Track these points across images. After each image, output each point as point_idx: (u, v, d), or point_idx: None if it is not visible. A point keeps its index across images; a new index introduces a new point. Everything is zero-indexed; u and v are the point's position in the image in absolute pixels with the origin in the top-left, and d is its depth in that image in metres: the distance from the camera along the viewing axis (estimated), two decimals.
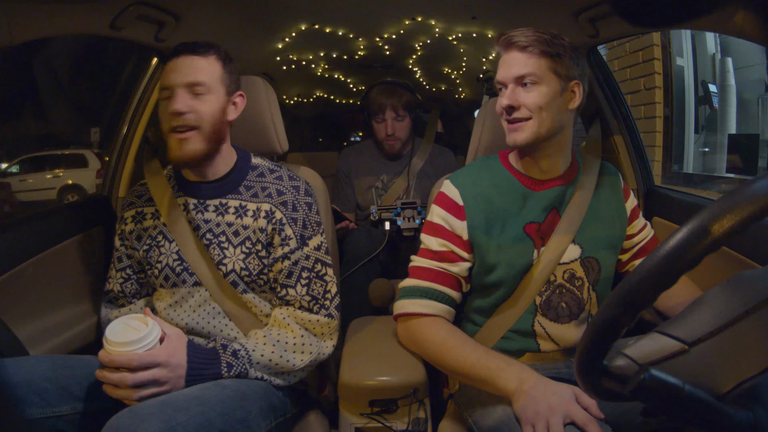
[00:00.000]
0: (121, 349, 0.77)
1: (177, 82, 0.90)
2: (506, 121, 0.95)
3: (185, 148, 0.91)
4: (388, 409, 0.99)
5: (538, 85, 0.90)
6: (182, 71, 0.91)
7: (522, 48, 0.91)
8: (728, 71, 4.14)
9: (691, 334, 0.52)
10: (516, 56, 0.92)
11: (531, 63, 0.90)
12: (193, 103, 0.90)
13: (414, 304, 0.96)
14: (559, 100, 0.92)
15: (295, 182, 1.01)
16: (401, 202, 1.70)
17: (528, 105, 0.91)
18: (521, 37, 0.91)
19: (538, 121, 0.91)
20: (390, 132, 1.78)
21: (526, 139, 0.92)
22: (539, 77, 0.90)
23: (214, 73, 0.93)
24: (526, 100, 0.91)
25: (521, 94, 0.91)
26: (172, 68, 0.92)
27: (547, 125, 0.91)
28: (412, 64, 2.16)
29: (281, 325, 0.94)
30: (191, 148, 0.91)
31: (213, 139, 0.93)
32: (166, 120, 0.91)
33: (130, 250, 1.02)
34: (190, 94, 0.91)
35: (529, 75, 0.90)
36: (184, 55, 0.92)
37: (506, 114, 0.94)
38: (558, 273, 0.96)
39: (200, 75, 0.91)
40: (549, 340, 0.96)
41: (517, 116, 0.92)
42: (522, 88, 0.91)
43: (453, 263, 0.97)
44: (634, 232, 1.06)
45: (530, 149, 0.96)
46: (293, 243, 0.96)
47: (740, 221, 0.42)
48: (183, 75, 0.90)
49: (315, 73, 2.21)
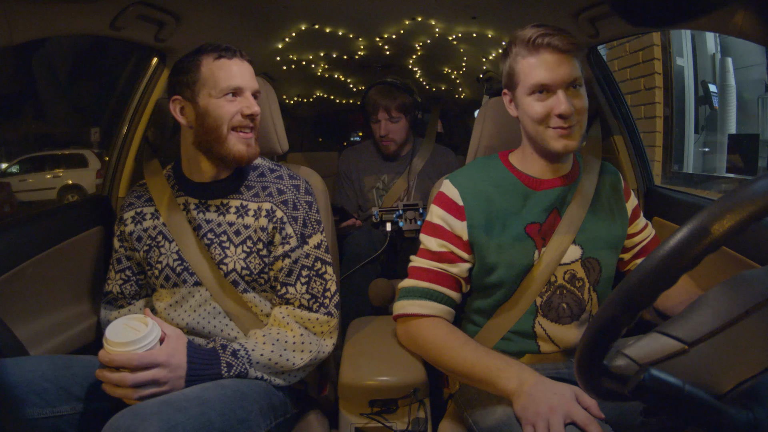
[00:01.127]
0: (120, 349, 0.77)
1: (248, 86, 0.95)
2: (552, 128, 0.91)
3: (251, 147, 0.96)
4: (388, 409, 0.99)
5: (582, 87, 0.91)
6: (250, 77, 0.96)
7: (565, 51, 0.89)
8: (728, 71, 4.14)
9: (691, 334, 0.52)
10: (562, 59, 0.88)
11: (576, 67, 0.90)
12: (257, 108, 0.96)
13: (413, 305, 0.96)
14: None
15: (296, 181, 1.02)
16: (403, 204, 1.70)
17: (579, 109, 0.90)
18: (562, 42, 0.88)
19: (581, 125, 0.92)
20: (383, 133, 1.78)
21: (578, 143, 0.92)
22: (581, 81, 0.91)
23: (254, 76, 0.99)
24: (579, 104, 0.90)
25: (573, 99, 0.89)
26: (241, 72, 0.94)
27: (584, 127, 0.92)
28: (412, 64, 2.16)
29: (281, 324, 0.94)
30: (254, 148, 0.97)
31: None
32: (230, 119, 0.93)
33: (129, 252, 1.02)
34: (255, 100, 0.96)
35: (578, 79, 0.90)
36: (243, 59, 0.96)
37: (559, 121, 0.89)
38: (559, 274, 0.96)
39: (254, 81, 0.97)
40: (549, 342, 0.96)
41: (571, 123, 0.90)
42: (571, 92, 0.89)
43: (452, 264, 0.97)
44: (635, 231, 1.06)
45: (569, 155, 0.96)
46: (293, 241, 0.96)
47: (740, 221, 0.43)
48: (252, 81, 0.96)
49: (315, 73, 2.21)
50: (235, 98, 0.93)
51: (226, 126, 0.92)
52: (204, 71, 0.92)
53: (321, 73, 2.24)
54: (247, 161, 0.96)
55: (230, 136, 0.93)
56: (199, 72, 0.92)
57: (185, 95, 0.94)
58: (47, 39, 0.93)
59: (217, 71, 0.92)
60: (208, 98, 0.92)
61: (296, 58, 1.95)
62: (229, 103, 0.93)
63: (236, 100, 0.93)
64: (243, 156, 0.95)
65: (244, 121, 0.94)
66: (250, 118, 0.94)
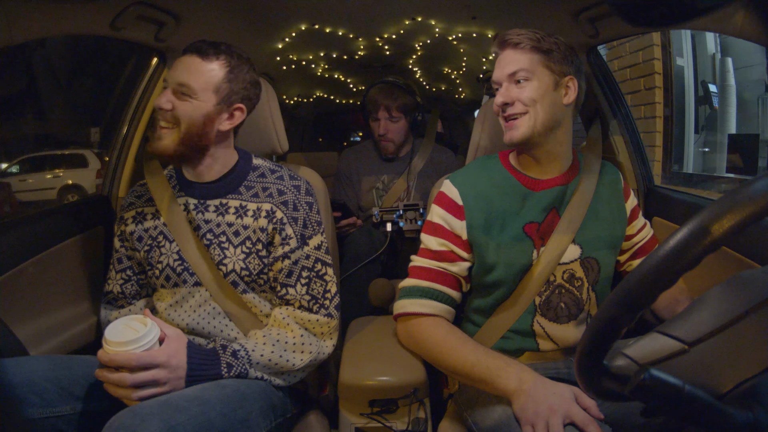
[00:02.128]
0: (119, 349, 0.76)
1: (170, 79, 0.91)
2: (503, 120, 0.97)
3: (158, 143, 0.92)
4: (388, 409, 0.99)
5: (530, 80, 0.93)
6: (179, 70, 0.91)
7: (514, 45, 0.94)
8: (728, 71, 4.14)
9: (691, 334, 0.52)
10: (508, 54, 0.95)
11: (523, 59, 0.93)
12: (176, 102, 0.91)
13: (414, 304, 0.96)
14: (552, 95, 0.93)
15: (296, 182, 1.01)
16: (403, 204, 1.69)
17: (522, 99, 0.93)
18: (513, 35, 0.94)
19: (533, 116, 0.93)
20: (382, 132, 1.78)
21: (522, 135, 0.93)
22: (531, 72, 0.93)
23: (210, 80, 0.91)
24: (520, 95, 0.93)
25: (514, 90, 0.94)
26: (176, 64, 0.93)
27: (541, 119, 0.93)
28: (412, 64, 2.16)
29: (281, 324, 0.94)
30: (163, 144, 0.92)
31: (189, 141, 0.92)
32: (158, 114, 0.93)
33: (130, 251, 1.02)
34: (177, 93, 0.91)
35: (520, 70, 0.93)
36: (189, 53, 0.92)
37: (502, 111, 0.96)
38: (557, 273, 0.96)
39: (190, 78, 0.90)
40: (548, 340, 0.96)
41: (512, 112, 0.94)
42: (515, 85, 0.94)
43: (452, 263, 0.97)
44: (634, 232, 1.06)
45: (527, 146, 0.96)
46: (293, 242, 0.96)
47: (740, 221, 0.42)
48: (178, 74, 0.91)
49: (315, 73, 2.20)
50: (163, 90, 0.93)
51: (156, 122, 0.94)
52: None
53: (321, 73, 2.24)
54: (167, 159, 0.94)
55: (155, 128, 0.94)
56: None
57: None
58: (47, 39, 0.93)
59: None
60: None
61: (296, 58, 1.95)
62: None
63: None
64: (151, 150, 0.93)
65: (156, 113, 0.92)
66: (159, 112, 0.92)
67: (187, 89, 0.90)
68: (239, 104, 0.96)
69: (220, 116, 0.94)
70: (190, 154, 0.94)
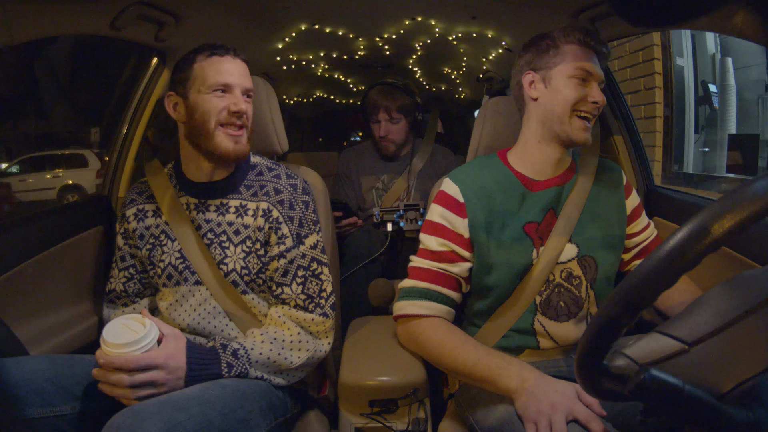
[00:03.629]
0: (118, 351, 0.76)
1: (237, 83, 0.95)
2: (579, 117, 0.95)
3: (239, 145, 0.95)
4: (388, 409, 0.99)
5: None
6: (241, 75, 0.95)
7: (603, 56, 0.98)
8: (728, 71, 4.14)
9: (691, 334, 0.51)
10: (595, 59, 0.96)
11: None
12: (246, 106, 0.96)
13: (413, 306, 0.96)
14: None
15: (293, 180, 1.02)
16: (404, 204, 1.69)
17: (601, 105, 0.96)
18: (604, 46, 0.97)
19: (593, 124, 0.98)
20: (383, 134, 1.78)
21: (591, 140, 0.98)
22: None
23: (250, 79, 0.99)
24: (602, 100, 0.95)
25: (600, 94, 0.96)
26: (230, 69, 0.94)
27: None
28: (412, 64, 2.16)
29: (277, 323, 0.94)
30: (242, 147, 0.96)
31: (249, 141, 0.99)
32: (217, 114, 0.93)
33: (133, 249, 1.02)
34: (245, 97, 0.96)
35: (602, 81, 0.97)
36: (237, 58, 0.96)
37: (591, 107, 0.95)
38: (556, 272, 0.97)
39: (249, 80, 0.98)
40: (548, 338, 0.97)
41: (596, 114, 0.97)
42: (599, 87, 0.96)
43: (453, 263, 0.97)
44: (636, 231, 1.06)
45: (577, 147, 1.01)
46: (289, 241, 0.96)
47: (740, 221, 0.42)
48: (243, 79, 0.96)
49: (315, 73, 2.20)
50: (224, 95, 0.94)
51: (213, 121, 0.93)
52: (196, 68, 0.94)
53: (321, 73, 2.24)
54: (235, 159, 0.96)
55: (217, 131, 0.93)
56: (192, 69, 0.94)
57: (178, 92, 0.96)
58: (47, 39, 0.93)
59: (208, 68, 0.93)
60: (197, 94, 0.93)
61: (296, 58, 1.95)
62: (217, 98, 0.93)
63: (225, 96, 0.94)
64: (230, 153, 0.94)
65: (230, 117, 0.93)
66: (237, 115, 0.94)
67: (251, 92, 0.98)
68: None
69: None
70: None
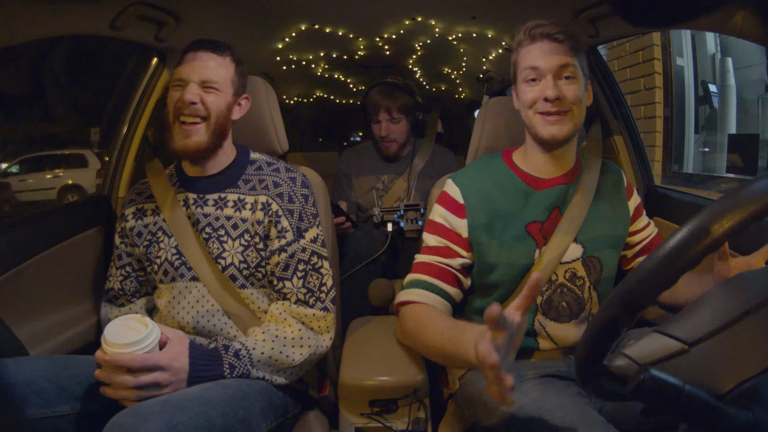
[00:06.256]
0: (121, 350, 0.76)
1: (192, 76, 0.94)
2: (538, 114, 0.93)
3: (190, 138, 0.94)
4: (388, 409, 0.99)
5: (576, 78, 0.92)
6: (199, 66, 0.95)
7: (560, 41, 0.91)
8: (728, 71, 4.14)
9: (691, 334, 0.52)
10: (553, 47, 0.91)
11: (569, 55, 0.91)
12: (203, 95, 0.94)
13: (407, 294, 0.96)
14: (584, 97, 0.94)
15: (292, 174, 1.02)
16: (404, 204, 1.69)
17: (569, 98, 0.91)
18: (556, 29, 0.91)
19: (575, 116, 0.92)
20: (384, 134, 1.78)
21: (566, 133, 0.93)
22: (575, 70, 0.92)
23: (227, 73, 0.98)
24: (568, 93, 0.91)
25: (562, 86, 0.91)
26: (191, 61, 0.95)
27: (578, 120, 0.93)
28: (412, 64, 2.15)
29: (278, 320, 0.94)
30: (196, 139, 0.94)
31: (216, 133, 0.97)
32: (173, 109, 0.94)
33: (130, 248, 1.02)
34: (202, 88, 0.95)
35: (569, 66, 0.91)
36: (203, 50, 0.96)
37: (545, 105, 0.91)
38: (559, 272, 0.96)
39: (213, 74, 0.96)
40: (548, 339, 0.96)
41: (559, 108, 0.91)
42: (564, 81, 0.91)
43: (450, 258, 0.97)
44: (637, 229, 1.06)
45: (560, 144, 0.95)
46: (290, 235, 0.96)
47: (740, 221, 0.43)
48: (200, 70, 0.95)
49: (315, 73, 2.20)
50: (179, 88, 0.95)
51: (171, 115, 0.94)
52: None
53: (321, 73, 2.24)
54: (194, 152, 0.95)
55: (175, 127, 0.94)
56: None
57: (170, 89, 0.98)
58: (47, 39, 0.93)
59: (180, 65, 0.96)
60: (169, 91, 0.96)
61: (296, 58, 1.95)
62: (174, 91, 0.95)
63: (180, 89, 0.94)
64: (185, 148, 0.94)
65: (183, 108, 0.93)
66: (186, 105, 0.93)
67: (212, 83, 0.95)
68: (245, 95, 1.03)
69: (234, 107, 1.01)
70: (215, 147, 0.98)
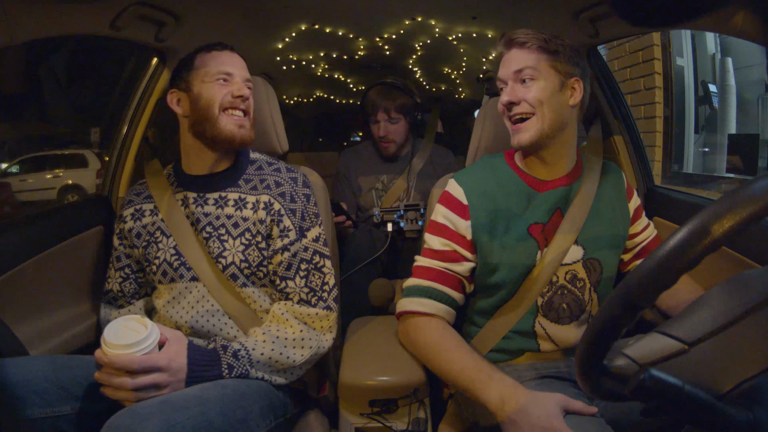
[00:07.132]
0: (120, 351, 0.76)
1: (238, 72, 0.99)
2: (510, 122, 0.96)
3: (244, 129, 0.98)
4: (388, 409, 0.99)
5: (537, 80, 0.92)
6: (240, 66, 1.00)
7: (521, 44, 0.93)
8: (728, 71, 4.14)
9: (691, 334, 0.52)
10: (515, 53, 0.94)
11: (529, 58, 0.92)
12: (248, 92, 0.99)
13: (413, 303, 0.96)
14: (558, 96, 0.93)
15: (293, 174, 1.03)
16: (404, 205, 1.69)
17: (528, 99, 0.92)
18: (520, 35, 0.93)
19: (540, 118, 0.92)
20: (382, 134, 1.77)
21: (530, 138, 0.93)
22: (537, 72, 0.92)
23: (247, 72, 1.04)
24: (526, 94, 0.92)
25: (520, 89, 0.93)
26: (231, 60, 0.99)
27: (549, 121, 0.92)
28: (412, 64, 2.16)
29: (280, 321, 0.94)
30: (247, 131, 0.99)
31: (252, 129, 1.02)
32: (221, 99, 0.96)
33: (128, 249, 1.02)
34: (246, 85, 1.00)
35: (526, 68, 0.92)
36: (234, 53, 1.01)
37: (507, 111, 0.95)
38: (560, 274, 0.96)
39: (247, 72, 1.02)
40: (549, 341, 0.96)
41: (518, 111, 0.93)
42: (521, 84, 0.93)
43: (456, 263, 0.97)
44: (637, 231, 1.06)
45: (535, 148, 0.96)
46: (292, 235, 0.97)
47: (740, 221, 0.42)
48: (242, 70, 1.00)
49: (315, 73, 2.21)
50: (225, 83, 0.97)
51: (217, 106, 0.96)
52: (197, 62, 0.99)
53: (321, 73, 2.24)
54: (240, 143, 0.98)
55: (222, 116, 0.96)
56: (193, 64, 0.98)
57: (181, 87, 0.99)
58: (48, 39, 0.93)
59: (209, 60, 0.98)
60: (201, 84, 0.97)
61: (296, 58, 1.95)
62: (220, 86, 0.97)
63: (227, 84, 0.97)
64: (234, 136, 0.97)
65: (234, 101, 0.97)
66: (240, 99, 0.97)
67: (250, 81, 1.01)
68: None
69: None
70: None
